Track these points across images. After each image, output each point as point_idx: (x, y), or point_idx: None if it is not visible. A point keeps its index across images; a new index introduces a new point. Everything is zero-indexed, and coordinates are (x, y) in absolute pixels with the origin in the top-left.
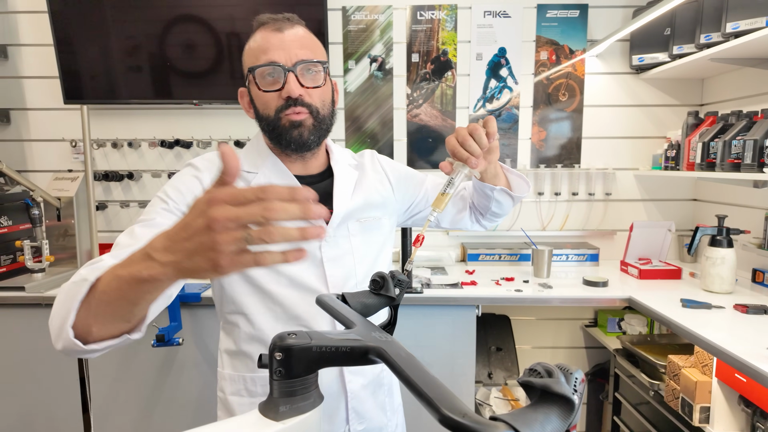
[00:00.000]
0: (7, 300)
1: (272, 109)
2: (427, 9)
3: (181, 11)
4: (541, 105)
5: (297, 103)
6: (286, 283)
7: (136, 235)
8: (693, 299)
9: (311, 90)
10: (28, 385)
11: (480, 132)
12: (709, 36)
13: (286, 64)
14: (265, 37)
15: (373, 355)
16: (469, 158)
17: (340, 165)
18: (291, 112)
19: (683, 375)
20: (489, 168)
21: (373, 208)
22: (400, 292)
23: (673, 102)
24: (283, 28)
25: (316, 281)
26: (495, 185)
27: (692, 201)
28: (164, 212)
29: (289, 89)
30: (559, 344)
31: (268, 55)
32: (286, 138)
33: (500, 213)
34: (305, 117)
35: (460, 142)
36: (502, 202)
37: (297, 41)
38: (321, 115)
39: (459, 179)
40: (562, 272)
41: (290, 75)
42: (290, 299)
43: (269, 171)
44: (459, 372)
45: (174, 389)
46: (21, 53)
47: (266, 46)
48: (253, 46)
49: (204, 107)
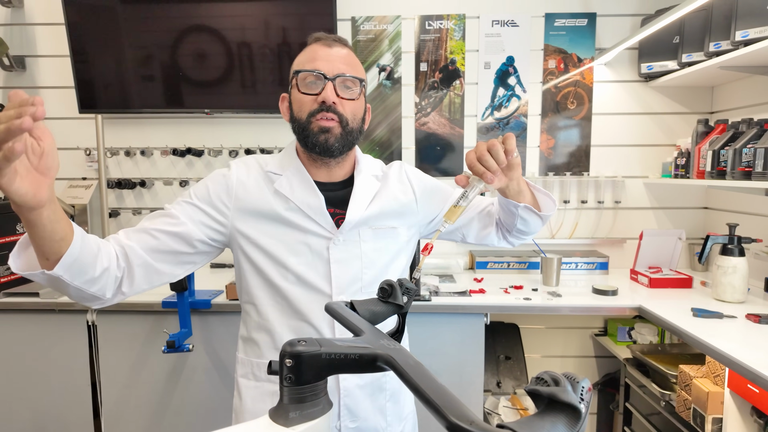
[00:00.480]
0: (21, 305)
1: (305, 112)
2: (436, 19)
3: (193, 22)
4: (550, 113)
5: (329, 110)
6: (293, 280)
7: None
8: (704, 308)
9: (345, 101)
10: (41, 389)
11: (498, 148)
12: (719, 44)
13: (328, 74)
14: (314, 50)
15: (382, 363)
16: (485, 173)
17: (363, 175)
18: (322, 117)
19: (695, 385)
20: (511, 184)
21: (389, 218)
22: (408, 300)
23: (683, 110)
24: (332, 45)
25: (320, 280)
26: (519, 202)
27: (703, 209)
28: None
29: (325, 95)
30: (568, 353)
31: (313, 63)
32: (313, 141)
33: (527, 231)
34: (334, 125)
35: (477, 157)
36: (527, 219)
37: (342, 58)
38: (350, 126)
39: (473, 193)
40: (571, 280)
41: (329, 83)
42: (295, 295)
43: (292, 174)
44: (467, 381)
45: (184, 395)
46: (38, 64)
47: (314, 56)
48: (302, 57)
49: (215, 116)
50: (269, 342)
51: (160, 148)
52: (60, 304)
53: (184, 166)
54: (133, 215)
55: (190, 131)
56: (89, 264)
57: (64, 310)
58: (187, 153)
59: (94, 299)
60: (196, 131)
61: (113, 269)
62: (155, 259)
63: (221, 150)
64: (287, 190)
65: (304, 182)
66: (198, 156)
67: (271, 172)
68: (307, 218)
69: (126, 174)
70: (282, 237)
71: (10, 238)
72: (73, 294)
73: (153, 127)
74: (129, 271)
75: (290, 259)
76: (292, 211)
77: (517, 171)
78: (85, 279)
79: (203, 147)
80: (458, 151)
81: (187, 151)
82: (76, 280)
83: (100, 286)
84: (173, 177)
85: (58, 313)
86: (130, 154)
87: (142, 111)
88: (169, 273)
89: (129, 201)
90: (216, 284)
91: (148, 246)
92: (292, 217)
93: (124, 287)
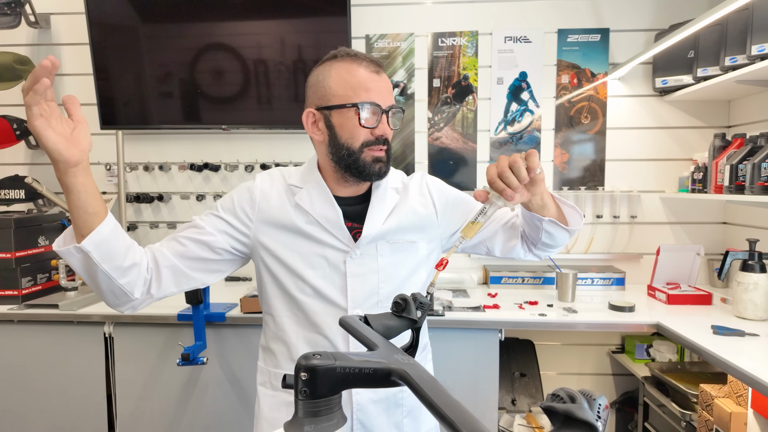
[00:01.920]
0: (41, 317)
1: (359, 142)
2: (449, 36)
3: (210, 40)
4: (563, 127)
5: (383, 142)
6: (310, 292)
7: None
8: (725, 326)
9: (392, 131)
10: (58, 400)
11: (520, 165)
12: (734, 58)
13: (383, 106)
14: (367, 77)
15: (396, 378)
16: (505, 190)
17: (381, 189)
18: (377, 149)
19: (717, 405)
20: (534, 199)
21: (408, 232)
22: (422, 314)
23: (699, 124)
24: (380, 72)
25: (337, 294)
26: (543, 215)
27: (722, 224)
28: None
29: (383, 129)
30: (585, 371)
31: (370, 94)
32: (369, 170)
33: (552, 244)
34: (384, 154)
35: (498, 173)
36: (552, 233)
37: (389, 87)
38: (391, 151)
39: (493, 209)
40: (587, 296)
41: (384, 117)
42: (311, 307)
43: (312, 188)
44: (481, 398)
45: (198, 408)
46: (63, 82)
47: (369, 85)
48: (351, 81)
49: (232, 132)
50: (285, 353)
51: (177, 163)
52: (79, 316)
53: (201, 181)
54: (151, 229)
55: (207, 146)
56: (119, 252)
57: (83, 322)
58: (204, 168)
59: (123, 295)
60: (213, 146)
61: (143, 268)
62: (184, 265)
63: (237, 165)
64: (307, 203)
65: (322, 196)
66: (215, 171)
67: (293, 185)
68: (324, 231)
69: (144, 188)
70: (300, 249)
71: (32, 251)
72: (103, 284)
73: (171, 143)
74: (157, 273)
75: (308, 272)
76: (311, 224)
77: (541, 186)
78: (113, 265)
79: (220, 162)
80: (471, 165)
81: (204, 166)
82: (104, 263)
83: (128, 280)
84: (190, 191)
85: (77, 325)
86: (149, 169)
87: (161, 127)
88: (199, 279)
89: (147, 215)
90: (231, 297)
91: (176, 251)
92: (311, 230)
93: (153, 289)
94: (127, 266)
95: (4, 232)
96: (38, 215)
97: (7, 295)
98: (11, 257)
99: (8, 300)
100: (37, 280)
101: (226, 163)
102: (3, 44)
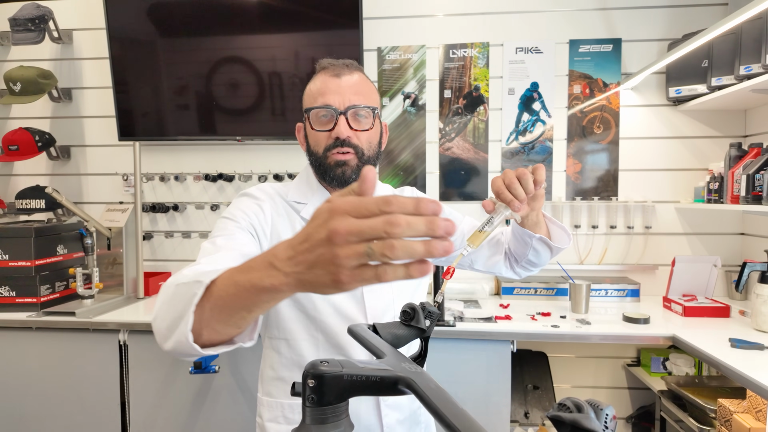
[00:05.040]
0: (58, 324)
1: (321, 147)
2: (460, 47)
3: (226, 53)
4: (576, 137)
5: (344, 144)
6: (330, 311)
7: (219, 245)
8: (743, 339)
9: (359, 132)
10: (73, 407)
11: (527, 177)
12: (749, 67)
13: (339, 108)
14: (324, 81)
15: (403, 386)
16: (513, 201)
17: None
18: (337, 152)
19: (735, 421)
20: (531, 215)
21: None
22: (430, 323)
23: (714, 133)
24: (341, 74)
25: (356, 311)
26: (535, 233)
27: (739, 235)
28: (236, 229)
29: (338, 131)
30: (600, 384)
31: (324, 98)
32: (330, 174)
33: (536, 262)
34: (350, 157)
35: (506, 184)
36: (539, 251)
37: (352, 87)
38: (366, 155)
39: (498, 219)
40: (601, 308)
41: (341, 118)
42: (332, 327)
43: (318, 202)
44: (494, 410)
45: (209, 416)
46: (84, 95)
47: (324, 89)
48: (313, 89)
49: (246, 143)
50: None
51: (192, 173)
52: (95, 324)
53: (215, 191)
54: (165, 238)
55: (221, 157)
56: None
57: (98, 330)
58: (218, 178)
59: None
60: (228, 157)
61: None
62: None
63: (251, 175)
64: None
65: None
66: (229, 181)
67: (296, 202)
68: None
69: (160, 198)
70: None
71: (51, 259)
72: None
73: (186, 154)
74: None
75: None
76: None
77: (540, 202)
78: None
79: (234, 172)
80: (483, 175)
81: (219, 177)
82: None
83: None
84: (205, 201)
85: (93, 332)
86: (165, 179)
87: (177, 138)
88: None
89: (162, 224)
90: None
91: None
92: None
93: None
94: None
95: (25, 241)
96: (57, 224)
97: (27, 303)
98: (31, 265)
99: (27, 307)
100: (55, 287)
101: (240, 174)
102: (28, 59)
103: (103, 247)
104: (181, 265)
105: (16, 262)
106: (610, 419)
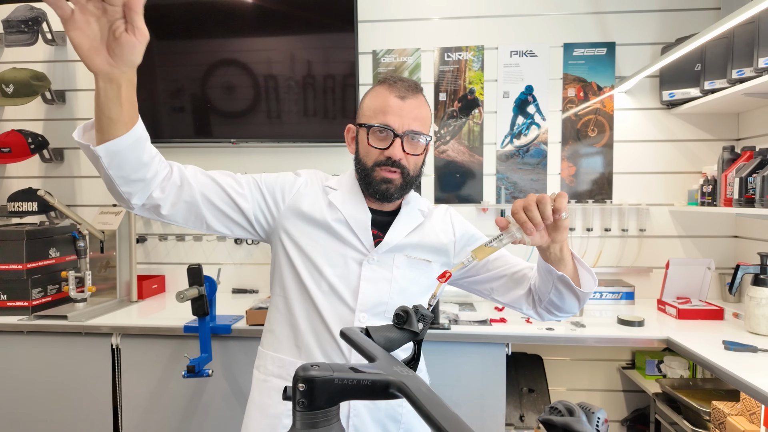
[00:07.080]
0: (50, 328)
1: (372, 160)
2: (455, 51)
3: (221, 56)
4: (570, 141)
5: (394, 164)
6: (325, 288)
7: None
8: (737, 341)
9: (410, 156)
10: (64, 411)
11: (547, 203)
12: (741, 71)
13: (398, 130)
14: (387, 100)
15: (394, 390)
16: (526, 223)
17: (409, 207)
18: (386, 170)
19: (729, 423)
20: (553, 247)
21: (426, 251)
22: (423, 327)
23: (708, 137)
24: (405, 98)
25: (348, 294)
26: (559, 270)
27: (733, 238)
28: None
29: (392, 152)
30: (595, 387)
31: (385, 117)
32: (374, 188)
33: (560, 306)
34: (396, 176)
35: (524, 206)
36: (562, 293)
37: (413, 111)
38: (410, 176)
39: (508, 239)
40: (596, 311)
41: (397, 140)
42: (321, 302)
43: (347, 191)
44: (489, 414)
45: (203, 420)
46: (77, 97)
47: (386, 108)
48: (374, 104)
49: (241, 145)
50: (290, 337)
51: None
52: (87, 327)
53: None
54: (159, 241)
55: (216, 160)
56: (131, 165)
57: (91, 333)
58: None
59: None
60: (223, 160)
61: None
62: (204, 206)
63: None
64: (339, 202)
65: (355, 199)
66: None
67: (329, 187)
68: (350, 231)
69: None
70: (324, 244)
71: (43, 263)
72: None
73: (181, 156)
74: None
75: (326, 269)
76: (338, 223)
77: (563, 234)
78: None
79: None
80: (478, 178)
81: None
82: (112, 169)
83: (129, 190)
84: None
85: (85, 336)
86: None
87: (172, 140)
88: (208, 225)
89: (156, 227)
90: (237, 310)
91: (205, 190)
92: (338, 228)
93: (163, 210)
94: (134, 179)
95: (17, 244)
96: (50, 227)
97: (18, 306)
98: (22, 268)
99: (19, 311)
100: (47, 291)
101: None
102: (20, 61)
103: (96, 250)
104: (176, 268)
105: (8, 266)
106: (602, 422)
